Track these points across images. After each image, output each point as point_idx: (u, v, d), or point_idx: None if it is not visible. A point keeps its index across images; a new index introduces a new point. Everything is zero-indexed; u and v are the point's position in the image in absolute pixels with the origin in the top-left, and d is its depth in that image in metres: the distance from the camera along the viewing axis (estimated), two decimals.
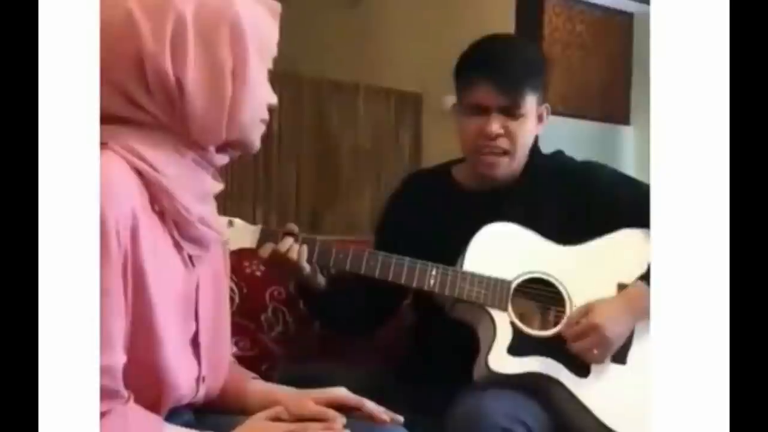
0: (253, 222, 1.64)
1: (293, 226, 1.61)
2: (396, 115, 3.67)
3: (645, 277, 1.61)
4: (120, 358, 1.02)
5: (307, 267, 1.60)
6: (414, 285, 1.61)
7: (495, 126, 1.64)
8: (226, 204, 1.57)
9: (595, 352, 1.58)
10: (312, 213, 3.40)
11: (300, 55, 3.79)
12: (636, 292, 1.60)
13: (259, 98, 1.13)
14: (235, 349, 1.32)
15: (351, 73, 3.78)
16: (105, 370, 0.99)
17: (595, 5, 3.58)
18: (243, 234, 1.59)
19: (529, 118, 1.68)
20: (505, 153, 1.67)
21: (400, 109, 3.68)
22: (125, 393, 1.03)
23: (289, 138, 3.32)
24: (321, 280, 1.67)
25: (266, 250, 1.58)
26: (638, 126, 3.70)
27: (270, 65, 1.15)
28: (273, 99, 1.18)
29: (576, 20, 3.59)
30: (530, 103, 1.67)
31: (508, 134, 1.65)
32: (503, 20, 3.38)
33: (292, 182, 3.37)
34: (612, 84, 3.68)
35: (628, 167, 3.60)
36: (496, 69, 1.65)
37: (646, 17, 3.61)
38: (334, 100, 3.52)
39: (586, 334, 1.58)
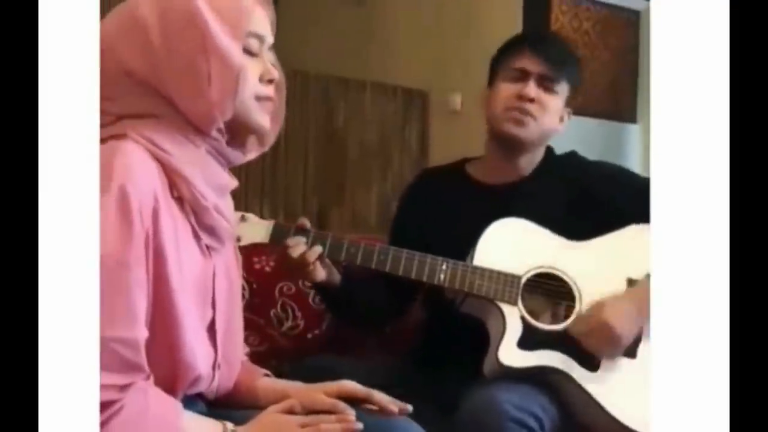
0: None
1: (305, 221, 1.61)
2: (403, 112, 3.68)
3: None
4: (142, 333, 1.03)
5: (321, 273, 1.61)
6: (424, 279, 1.62)
7: (533, 89, 1.73)
8: (235, 200, 1.58)
9: (605, 349, 1.59)
10: (319, 209, 3.41)
11: (307, 52, 3.80)
12: (645, 289, 1.61)
13: (236, 71, 1.09)
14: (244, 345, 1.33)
15: (358, 70, 3.79)
16: (128, 343, 1.00)
17: (601, 3, 3.58)
18: (256, 229, 1.59)
19: (559, 101, 1.77)
20: (534, 118, 1.74)
21: (406, 106, 3.68)
22: (147, 368, 1.04)
23: (296, 134, 3.32)
24: (336, 275, 1.68)
25: (279, 254, 1.59)
26: (645, 124, 3.69)
27: (244, 38, 1.11)
28: (273, 74, 1.16)
29: (582, 18, 3.59)
30: (563, 87, 1.77)
31: (540, 103, 1.74)
32: (510, 18, 3.37)
33: (299, 179, 3.38)
34: (618, 82, 3.67)
35: (635, 165, 3.59)
36: (543, 43, 1.84)
37: None
38: (341, 97, 3.52)
39: (596, 331, 1.59)
